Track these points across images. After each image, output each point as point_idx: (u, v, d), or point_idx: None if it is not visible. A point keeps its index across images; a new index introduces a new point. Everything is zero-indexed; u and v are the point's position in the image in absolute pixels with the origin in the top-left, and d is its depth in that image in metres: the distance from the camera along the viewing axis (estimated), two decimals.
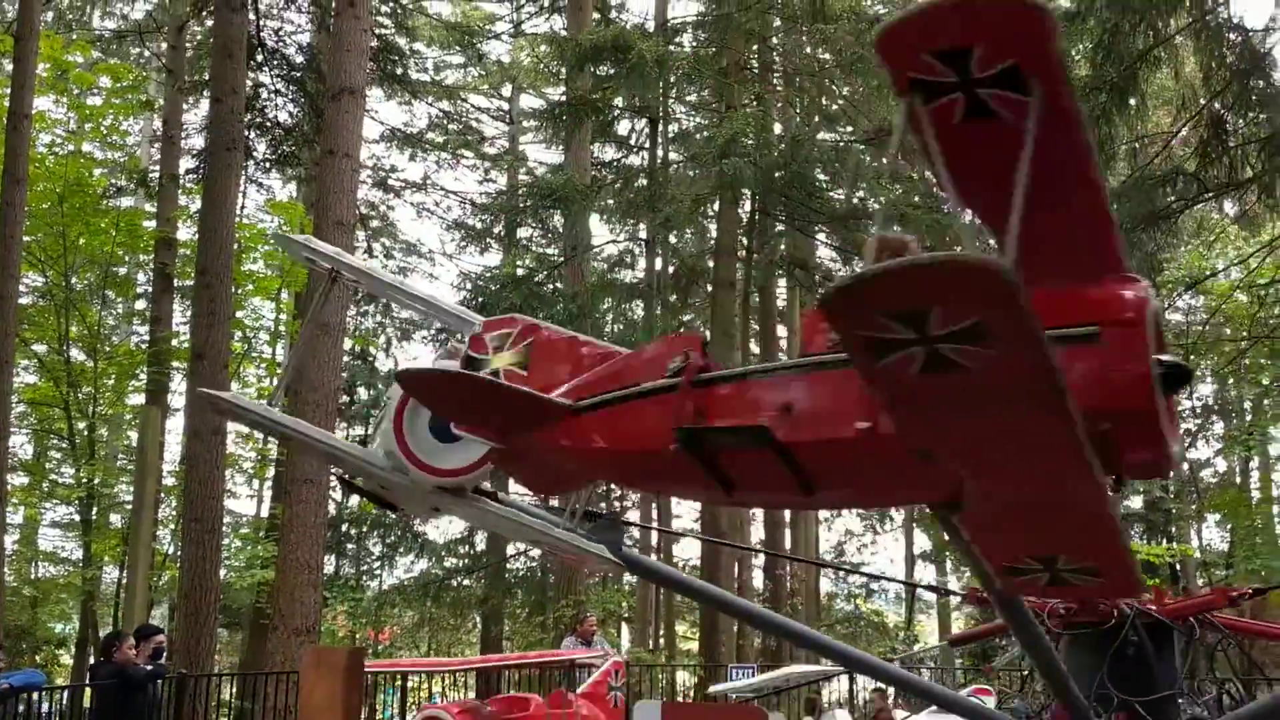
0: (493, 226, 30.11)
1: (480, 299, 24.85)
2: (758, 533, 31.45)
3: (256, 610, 24.90)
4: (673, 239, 29.54)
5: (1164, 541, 30.08)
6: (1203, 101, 20.00)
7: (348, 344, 26.84)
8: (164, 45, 28.75)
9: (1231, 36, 19.57)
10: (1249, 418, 34.57)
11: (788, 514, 28.69)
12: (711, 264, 24.97)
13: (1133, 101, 19.83)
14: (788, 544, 28.45)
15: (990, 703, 10.86)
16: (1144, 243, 19.98)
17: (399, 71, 26.90)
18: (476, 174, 35.99)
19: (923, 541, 34.58)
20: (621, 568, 6.76)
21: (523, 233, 30.56)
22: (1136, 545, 25.86)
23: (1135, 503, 35.25)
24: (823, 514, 36.22)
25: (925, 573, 34.85)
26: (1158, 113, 24.67)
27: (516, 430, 5.01)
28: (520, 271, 25.32)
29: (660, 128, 27.74)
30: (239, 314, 25.41)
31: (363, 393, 31.47)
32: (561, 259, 26.98)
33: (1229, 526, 33.82)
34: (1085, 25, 17.60)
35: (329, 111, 17.43)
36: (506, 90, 36.55)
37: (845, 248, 26.59)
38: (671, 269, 29.36)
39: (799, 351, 4.73)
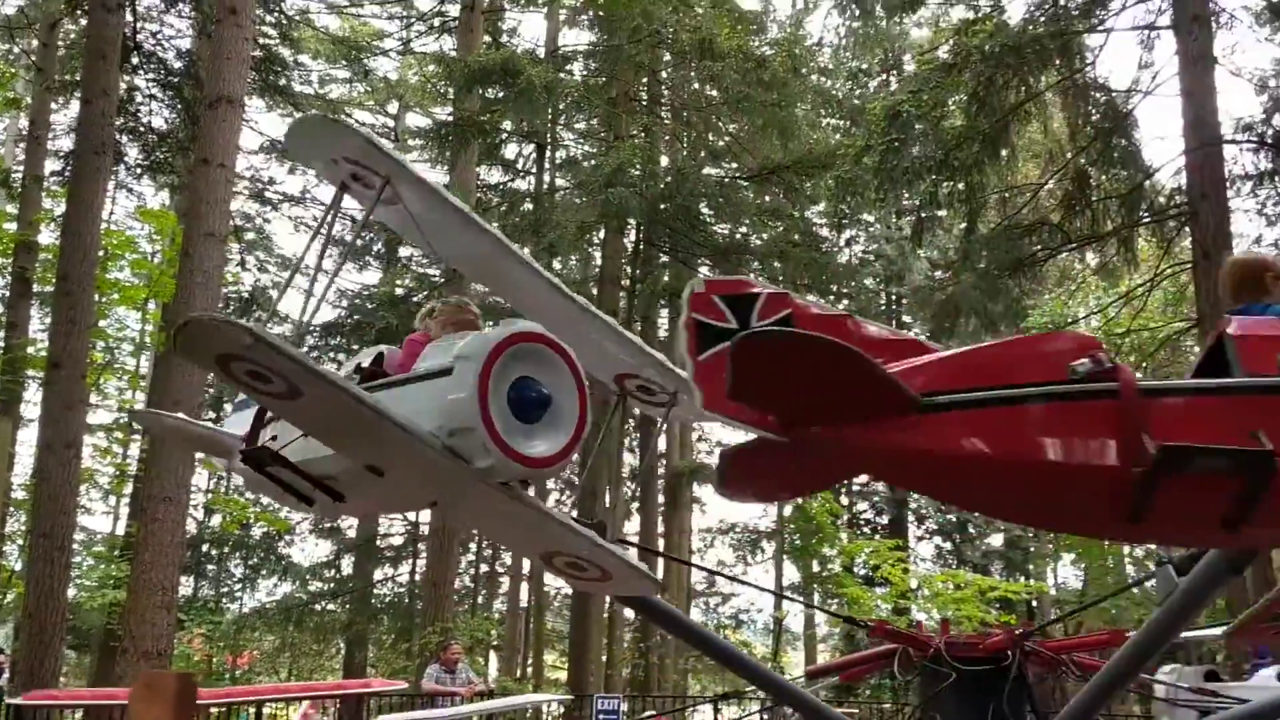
0: (372, 244, 29.63)
1: (356, 317, 24.43)
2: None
3: (107, 632, 23.86)
4: (557, 265, 29.53)
5: (1021, 578, 31.04)
6: (1069, 156, 20.95)
7: None
8: (34, 42, 27.64)
9: (1097, 95, 20.58)
10: None
11: (661, 542, 28.80)
12: (595, 292, 25.01)
13: (1004, 153, 20.65)
14: (660, 573, 28.49)
15: None
16: (1009, 289, 20.77)
17: (281, 83, 26.34)
18: None
19: (792, 574, 35.10)
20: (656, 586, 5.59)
21: (403, 251, 30.16)
22: (995, 581, 26.72)
23: (996, 540, 36.43)
24: (696, 544, 36.50)
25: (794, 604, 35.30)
26: (1027, 165, 25.71)
27: (832, 420, 3.98)
28: (400, 291, 24.96)
29: (548, 153, 27.77)
30: (101, 323, 24.41)
31: (228, 409, 30.49)
32: (443, 280, 26.71)
33: (1083, 565, 35.11)
34: (961, 78, 18.22)
35: (205, 119, 16.92)
36: (393, 108, 36.13)
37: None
38: None
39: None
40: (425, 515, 27.45)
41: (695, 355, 4.06)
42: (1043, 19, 19.00)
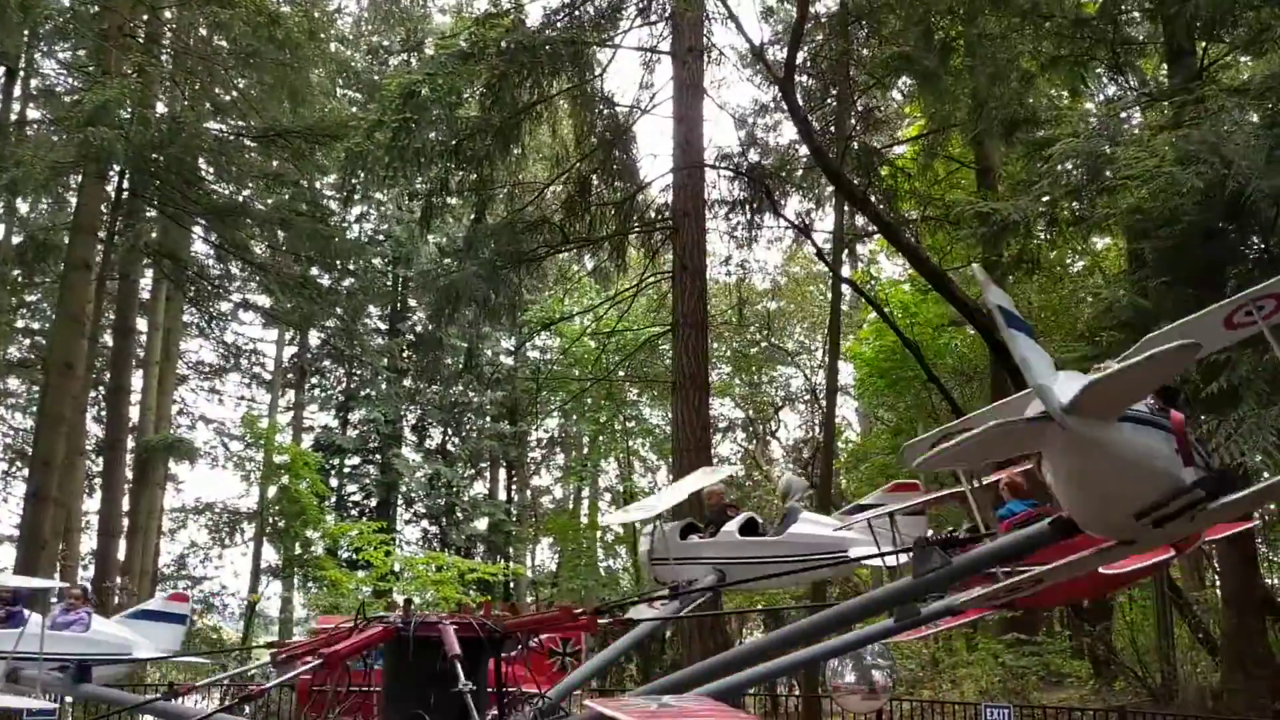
0: None
1: None
2: (90, 542, 28.59)
3: None
4: (22, 206, 26.09)
5: (502, 560, 32.16)
6: (574, 161, 21.96)
7: None
8: None
9: (603, 108, 21.77)
10: (586, 450, 38.35)
11: (126, 522, 26.39)
12: (66, 240, 22.31)
13: (514, 150, 21.21)
14: (122, 554, 26.10)
15: None
16: (512, 281, 21.39)
17: None
18: None
19: (271, 555, 33.72)
20: None
21: None
22: (475, 563, 27.44)
23: (481, 525, 37.53)
24: (168, 525, 33.93)
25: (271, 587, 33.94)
26: (535, 165, 26.67)
27: None
28: None
29: (18, 80, 24.43)
30: None
31: None
32: None
33: (559, 548, 37.14)
34: (477, 68, 18.43)
35: None
36: None
37: (223, 244, 25.28)
38: (16, 240, 25.85)
39: None
40: None
41: None
42: (559, 24, 19.73)
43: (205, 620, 32.87)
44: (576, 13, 20.01)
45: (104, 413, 26.89)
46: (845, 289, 23.86)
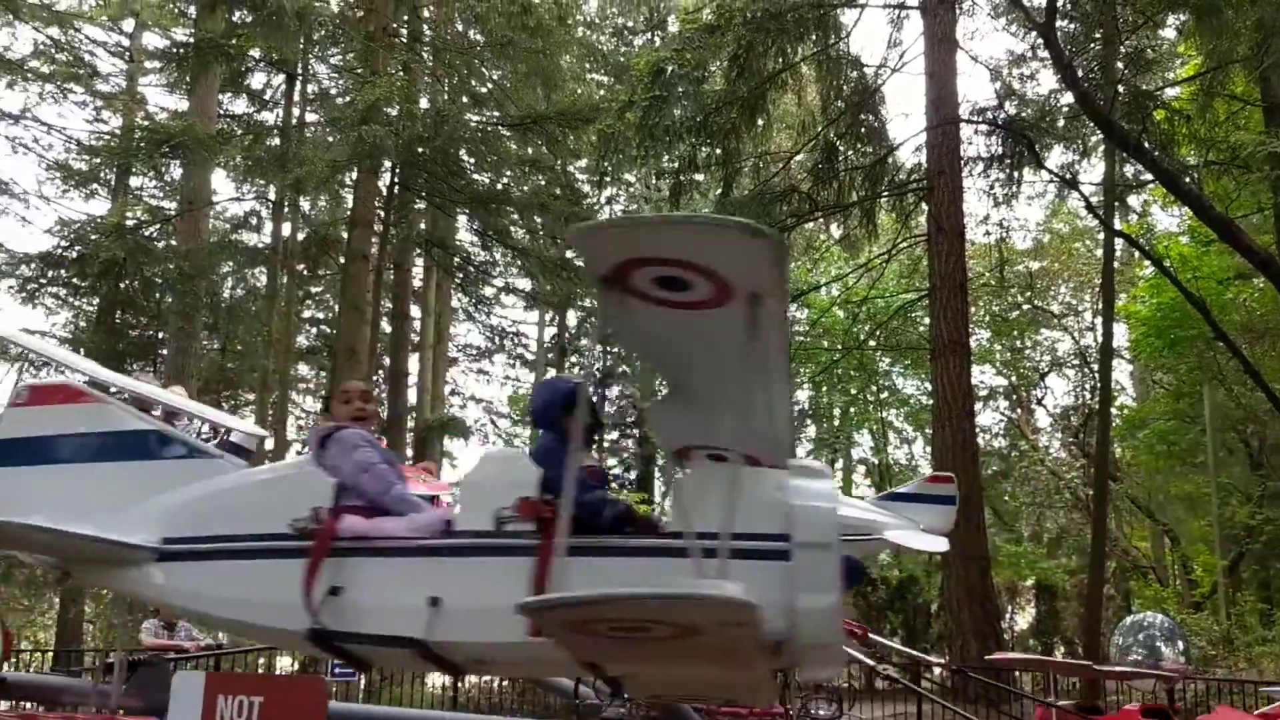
0: (100, 170, 27.26)
1: (79, 249, 22.49)
2: None
3: None
4: (304, 204, 28.14)
5: None
6: (820, 128, 21.65)
7: None
8: None
9: (849, 71, 21.33)
10: (837, 422, 37.88)
11: None
12: (345, 234, 23.93)
13: (760, 120, 21.12)
14: None
15: None
16: None
17: None
18: (86, 112, 32.52)
19: None
20: None
21: (135, 180, 27.94)
22: None
23: None
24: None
25: None
26: (780, 134, 26.43)
27: None
28: (129, 222, 23.08)
29: (298, 85, 26.31)
30: None
31: None
32: (176, 213, 24.94)
33: None
34: (723, 39, 18.42)
35: None
36: (128, 25, 33.30)
37: (486, 231, 26.43)
38: (301, 236, 27.95)
39: None
40: None
41: None
42: None
43: None
44: None
45: (385, 395, 28.74)
46: (1118, 243, 22.46)
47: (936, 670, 16.15)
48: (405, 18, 23.77)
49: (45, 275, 24.33)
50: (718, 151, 20.75)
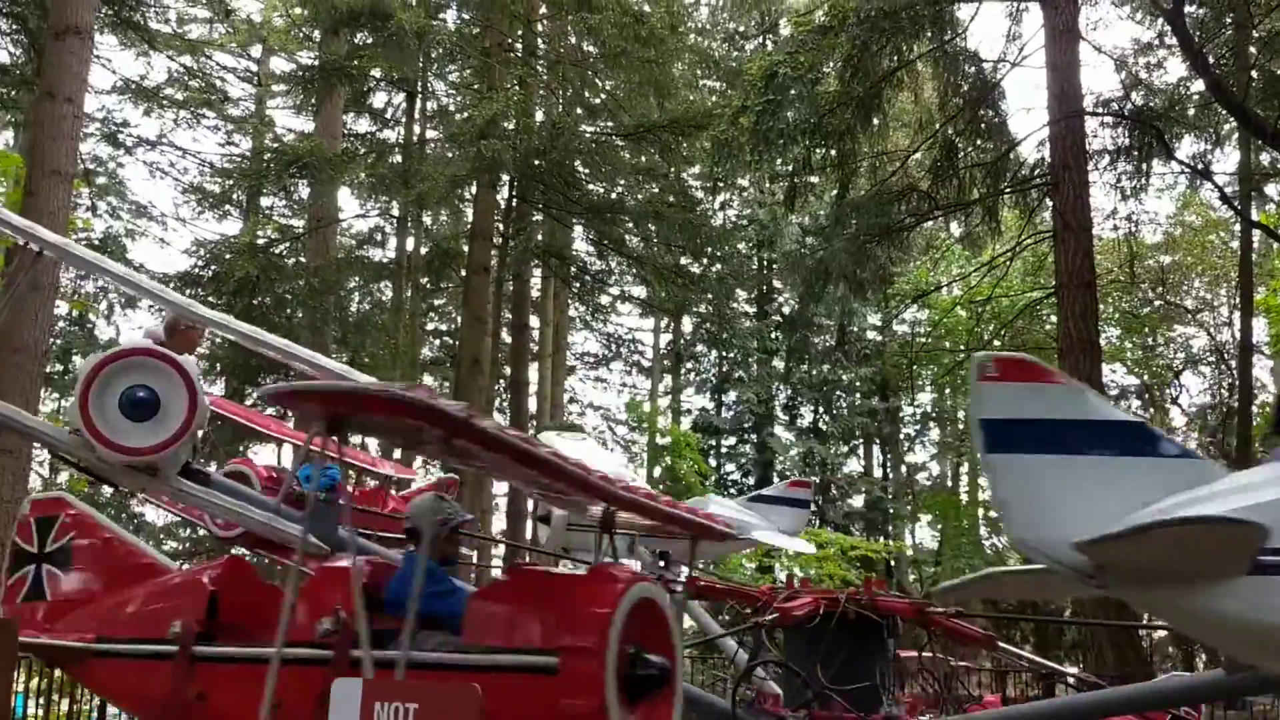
0: (233, 192, 28.41)
1: (214, 268, 23.41)
2: (500, 523, 31.16)
3: None
4: (426, 219, 28.80)
5: (881, 538, 31.85)
6: (938, 125, 21.28)
7: (63, 307, 24.69)
8: None
9: (966, 66, 20.92)
10: (962, 425, 37.12)
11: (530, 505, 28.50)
12: (466, 247, 24.43)
13: (875, 120, 20.85)
14: (529, 538, 28.26)
15: None
16: (878, 255, 21.07)
17: (135, 18, 24.88)
18: (218, 136, 33.93)
19: None
20: (328, 553, 6.39)
21: (265, 200, 29.04)
22: (857, 541, 27.31)
23: (857, 501, 37.29)
24: None
25: None
26: (897, 133, 26.06)
27: None
28: (260, 241, 23.98)
29: (418, 103, 26.97)
30: None
31: (78, 360, 29.04)
32: (305, 231, 25.80)
33: (939, 526, 36.22)
34: (836, 40, 18.26)
35: (50, 51, 15.81)
36: (255, 51, 34.62)
37: (601, 240, 26.69)
38: (424, 250, 28.63)
39: None
40: None
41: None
42: None
43: None
44: None
45: (507, 404, 29.20)
46: (1255, 234, 21.55)
47: (1070, 682, 15.72)
48: (520, 33, 24.15)
49: (184, 294, 25.39)
50: (833, 153, 20.55)
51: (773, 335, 38.94)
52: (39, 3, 22.12)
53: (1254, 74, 18.14)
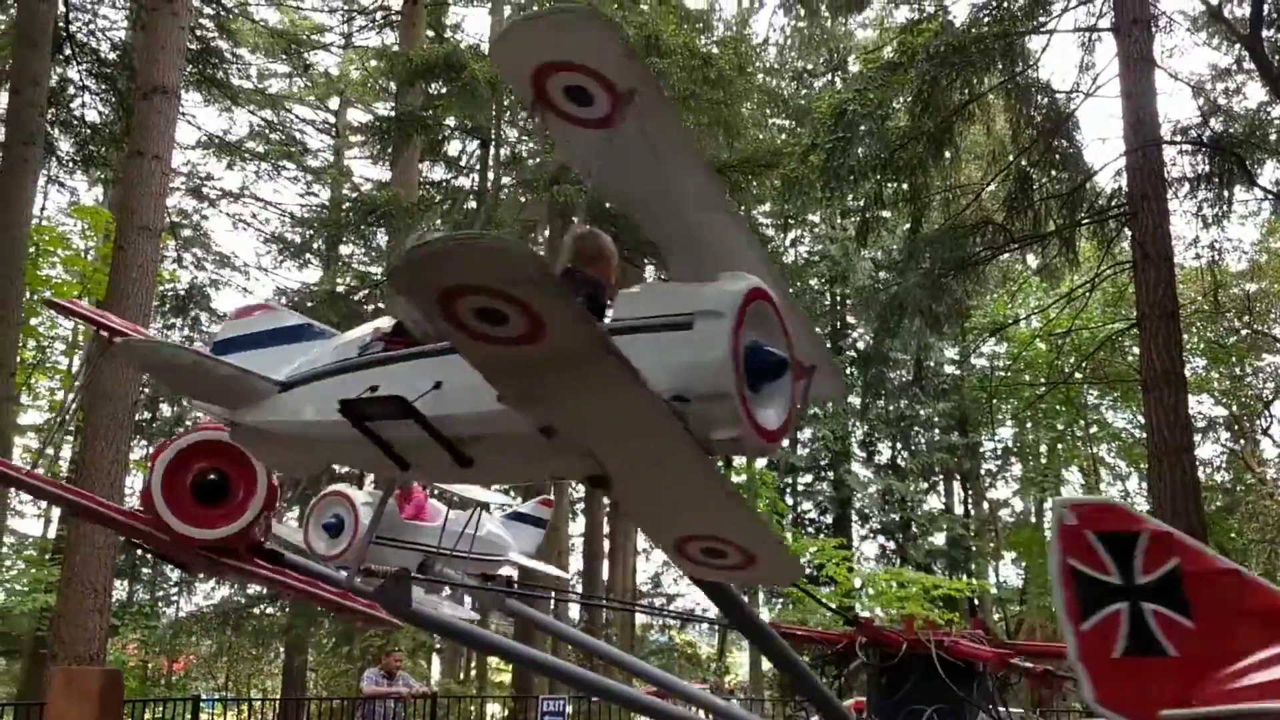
0: (313, 241, 29.14)
1: None
2: (576, 563, 31.24)
3: (37, 639, 23.18)
4: None
5: (964, 576, 31.26)
6: (1011, 156, 21.11)
7: None
8: None
9: (1039, 97, 20.76)
10: (1044, 460, 36.44)
11: (606, 545, 28.61)
12: None
13: (947, 153, 20.75)
14: (605, 575, 28.31)
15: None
16: (953, 289, 20.88)
17: (218, 75, 25.75)
18: (298, 187, 34.87)
19: None
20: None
21: (344, 249, 29.70)
22: (939, 580, 26.86)
23: (939, 539, 36.71)
24: (641, 544, 36.37)
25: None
26: (969, 165, 25.90)
27: None
28: (340, 289, 24.53)
29: (492, 150, 27.46)
30: (33, 321, 23.74)
31: (165, 409, 29.86)
32: (384, 278, 26.30)
33: (1023, 564, 35.48)
34: (906, 76, 18.26)
35: (139, 110, 16.46)
36: (333, 103, 35.61)
37: (672, 280, 26.81)
38: None
39: None
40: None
41: (1077, 621, 3.43)
42: (987, 20, 19.10)
43: (681, 635, 34.78)
44: (1005, 3, 19.25)
45: None
46: None
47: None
48: None
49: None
50: (904, 187, 20.48)
51: (848, 371, 38.70)
52: (127, 64, 23.06)
53: None
